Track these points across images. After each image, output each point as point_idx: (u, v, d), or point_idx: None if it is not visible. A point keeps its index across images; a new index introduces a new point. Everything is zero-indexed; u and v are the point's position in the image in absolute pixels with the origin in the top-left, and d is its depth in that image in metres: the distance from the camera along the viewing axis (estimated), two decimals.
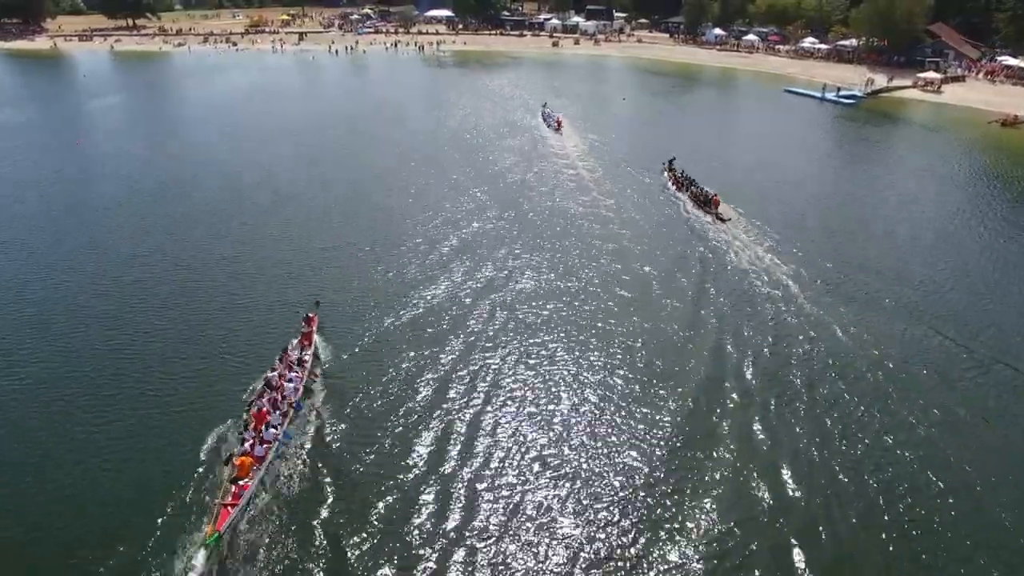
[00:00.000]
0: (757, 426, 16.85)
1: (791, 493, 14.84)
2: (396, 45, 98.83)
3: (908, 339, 20.92)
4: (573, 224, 30.22)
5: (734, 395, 18.05)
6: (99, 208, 31.72)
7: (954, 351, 20.27)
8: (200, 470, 14.81)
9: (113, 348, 19.65)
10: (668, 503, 14.52)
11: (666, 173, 36.70)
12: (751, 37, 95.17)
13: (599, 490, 14.85)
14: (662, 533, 13.79)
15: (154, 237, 27.79)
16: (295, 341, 19.03)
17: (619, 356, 19.81)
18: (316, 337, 19.62)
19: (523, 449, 16.00)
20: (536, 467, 15.49)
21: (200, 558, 12.56)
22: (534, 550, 13.35)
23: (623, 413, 17.31)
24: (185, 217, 30.24)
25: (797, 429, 16.80)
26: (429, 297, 23.01)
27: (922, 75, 68.27)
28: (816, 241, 28.39)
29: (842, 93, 61.92)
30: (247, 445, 14.73)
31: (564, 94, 61.31)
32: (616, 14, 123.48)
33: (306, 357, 18.42)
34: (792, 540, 13.63)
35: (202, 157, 40.71)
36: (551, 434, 16.58)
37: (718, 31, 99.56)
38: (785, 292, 23.79)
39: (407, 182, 35.65)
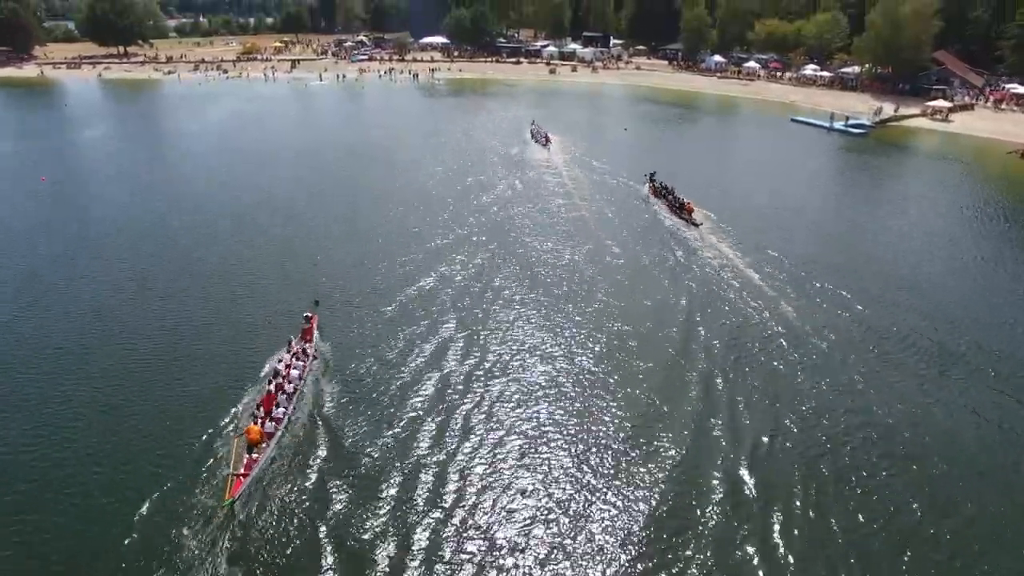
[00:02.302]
0: (720, 390, 19.24)
1: (748, 444, 16.91)
2: (391, 72, 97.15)
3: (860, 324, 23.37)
4: (556, 226, 32.92)
5: (700, 364, 20.55)
6: (95, 233, 31.74)
7: (900, 334, 22.64)
8: (215, 445, 16.30)
9: (136, 342, 21.49)
10: (647, 460, 16.42)
11: (647, 185, 38.88)
12: (752, 64, 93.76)
13: (584, 456, 16.58)
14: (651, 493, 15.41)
15: (159, 250, 29.37)
16: (297, 336, 20.73)
17: (597, 339, 21.98)
18: (316, 332, 21.36)
19: (508, 424, 17.57)
20: (520, 441, 16.93)
21: (216, 521, 14.00)
22: (524, 520, 14.49)
23: (602, 390, 19.24)
24: (186, 235, 31.10)
25: (752, 392, 19.19)
26: (420, 296, 24.92)
27: (931, 103, 66.41)
28: (819, 272, 27.36)
29: (850, 122, 59.86)
30: (258, 422, 16.27)
31: (563, 123, 59.05)
32: (613, 41, 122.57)
33: (308, 349, 20.19)
34: (746, 477, 15.80)
35: (186, 193, 38.04)
36: (534, 408, 18.20)
37: (717, 58, 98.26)
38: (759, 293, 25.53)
39: (402, 200, 36.86)
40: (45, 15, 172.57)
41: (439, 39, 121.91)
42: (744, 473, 15.98)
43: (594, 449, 16.76)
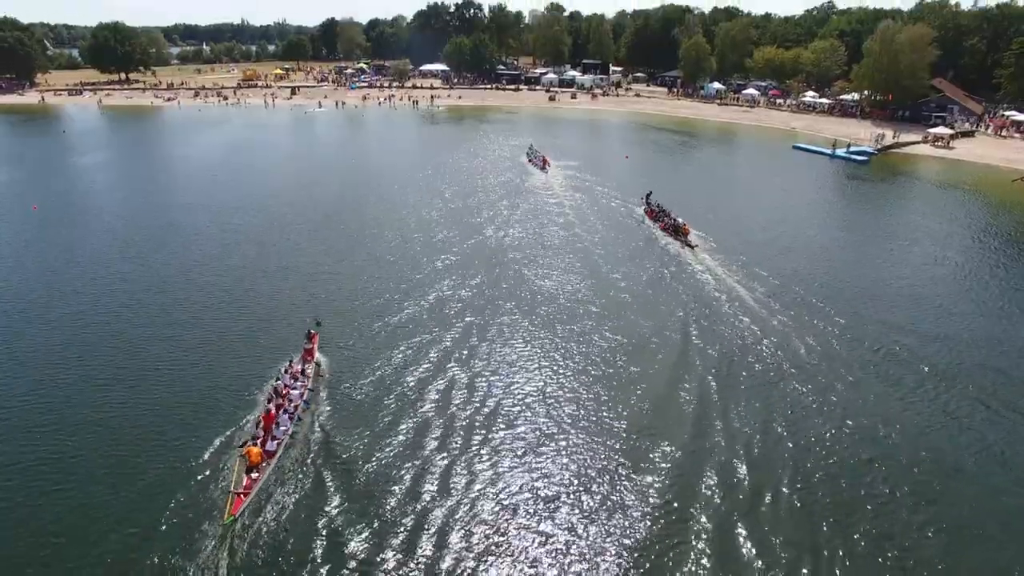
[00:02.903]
0: (714, 407, 19.57)
1: (743, 462, 17.09)
2: (390, 99, 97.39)
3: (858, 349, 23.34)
4: (553, 249, 33.29)
5: (694, 380, 20.97)
6: (91, 256, 31.59)
7: (902, 358, 22.77)
8: (217, 463, 16.51)
9: (137, 362, 21.59)
10: (642, 477, 16.61)
11: (643, 206, 39.30)
12: (751, 91, 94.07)
13: (580, 476, 16.69)
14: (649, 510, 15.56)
15: (160, 274, 29.36)
16: (298, 356, 20.93)
17: (597, 357, 22.31)
18: (318, 352, 21.44)
19: (506, 444, 17.72)
20: (519, 461, 17.10)
21: (216, 538, 14.25)
22: (524, 543, 14.56)
23: (597, 408, 19.46)
24: (185, 259, 31.13)
25: (748, 416, 19.29)
26: (419, 317, 25.11)
27: (933, 130, 66.21)
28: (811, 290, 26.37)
29: (853, 150, 59.51)
30: (258, 442, 16.46)
31: (564, 150, 58.65)
32: (612, 68, 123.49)
33: (308, 370, 20.27)
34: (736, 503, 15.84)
35: (183, 218, 37.24)
36: (532, 428, 18.43)
37: (717, 85, 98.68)
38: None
39: (402, 225, 37.07)
40: (52, 43, 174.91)
41: (439, 66, 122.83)
42: (741, 496, 16.03)
43: (591, 468, 16.96)
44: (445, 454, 17.19)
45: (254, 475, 15.60)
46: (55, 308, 25.60)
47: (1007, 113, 72.95)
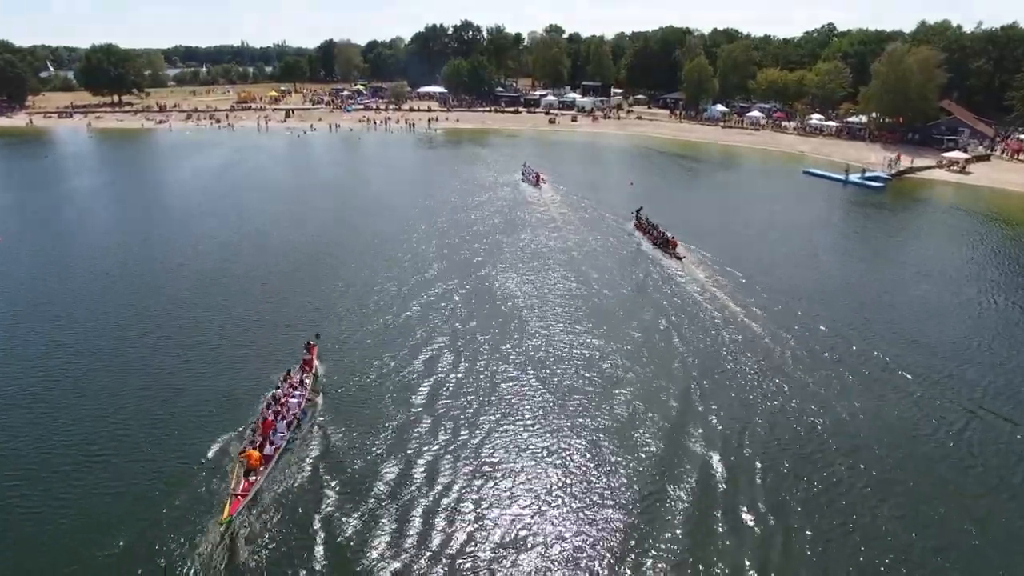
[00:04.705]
0: (693, 404, 20.66)
1: (723, 459, 17.90)
2: (386, 122, 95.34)
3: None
4: (547, 264, 34.24)
5: (679, 380, 22.14)
6: (92, 269, 32.83)
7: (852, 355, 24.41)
8: (215, 467, 17.07)
9: (145, 368, 22.46)
10: (628, 476, 17.32)
11: (633, 220, 40.36)
12: (755, 113, 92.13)
13: (573, 478, 17.25)
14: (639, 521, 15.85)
15: (164, 288, 30.24)
16: (297, 366, 21.60)
17: (583, 363, 23.29)
18: (316, 363, 22.18)
19: (502, 452, 18.22)
20: (514, 468, 17.50)
21: (213, 538, 14.74)
22: (515, 534, 15.20)
23: (589, 413, 20.19)
24: (189, 275, 32.19)
25: (727, 402, 20.77)
26: (416, 331, 25.64)
27: (948, 155, 63.94)
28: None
29: (867, 175, 57.09)
30: (256, 447, 17.03)
31: (567, 174, 56.18)
32: (613, 90, 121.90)
33: (307, 379, 20.97)
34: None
35: (178, 237, 34.85)
36: (527, 435, 18.98)
37: (720, 107, 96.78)
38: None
39: (397, 247, 37.03)
40: (53, 65, 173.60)
41: (437, 88, 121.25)
42: (723, 492, 16.79)
43: (582, 471, 17.57)
44: (439, 460, 17.67)
45: (252, 478, 16.12)
46: (54, 321, 26.36)
47: (1021, 136, 70.84)
